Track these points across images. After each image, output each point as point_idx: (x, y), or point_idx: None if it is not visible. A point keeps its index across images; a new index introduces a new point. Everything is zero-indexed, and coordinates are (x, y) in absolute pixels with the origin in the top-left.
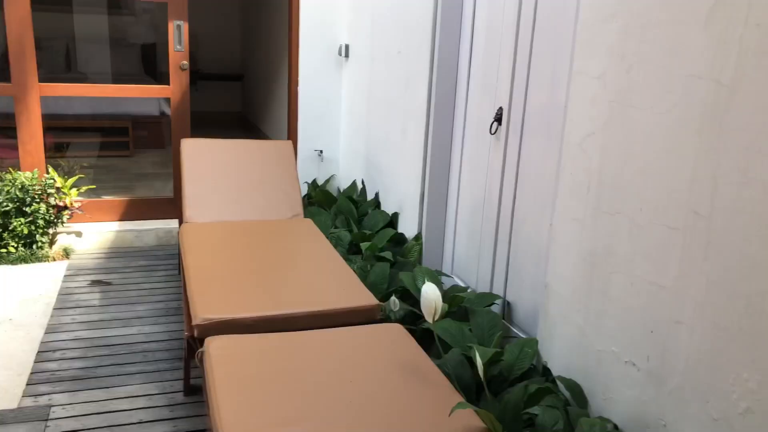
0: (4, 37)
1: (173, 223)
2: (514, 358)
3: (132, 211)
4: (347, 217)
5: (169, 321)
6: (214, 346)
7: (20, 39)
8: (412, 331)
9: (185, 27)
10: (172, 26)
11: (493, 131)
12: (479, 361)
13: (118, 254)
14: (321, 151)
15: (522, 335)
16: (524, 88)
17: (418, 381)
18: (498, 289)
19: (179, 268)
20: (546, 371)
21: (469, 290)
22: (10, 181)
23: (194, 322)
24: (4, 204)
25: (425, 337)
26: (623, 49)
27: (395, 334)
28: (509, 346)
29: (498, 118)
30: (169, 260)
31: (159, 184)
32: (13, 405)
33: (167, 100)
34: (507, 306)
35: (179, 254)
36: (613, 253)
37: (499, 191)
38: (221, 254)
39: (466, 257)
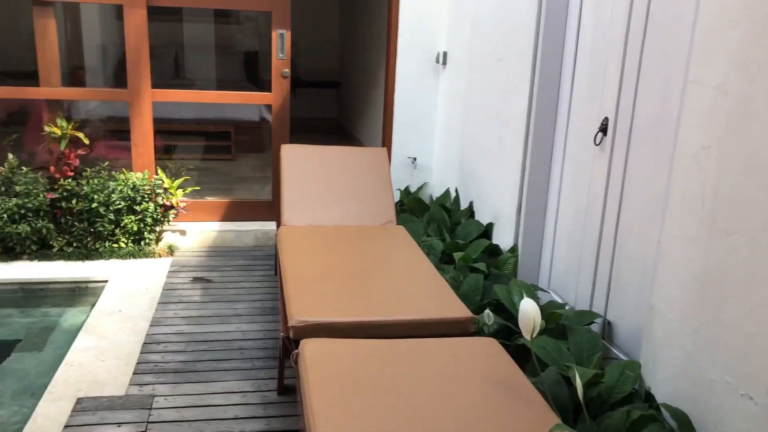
0: (122, 46)
1: (270, 225)
2: (615, 380)
3: (232, 212)
4: (440, 225)
5: (265, 320)
6: (309, 348)
7: (136, 47)
8: (505, 347)
9: (288, 36)
10: (275, 35)
11: (597, 142)
12: (579, 382)
13: (219, 253)
14: (414, 159)
15: (623, 357)
16: (632, 98)
17: (513, 398)
18: (598, 308)
19: (275, 268)
20: (649, 397)
21: (566, 307)
22: (123, 181)
23: (290, 323)
24: (117, 202)
25: (519, 353)
26: (746, 57)
27: (489, 348)
28: (609, 367)
29: (603, 129)
30: (266, 261)
31: (257, 187)
32: (121, 392)
33: (268, 106)
34: (607, 325)
35: (276, 255)
36: (729, 275)
37: (602, 204)
38: (317, 257)
39: (564, 272)
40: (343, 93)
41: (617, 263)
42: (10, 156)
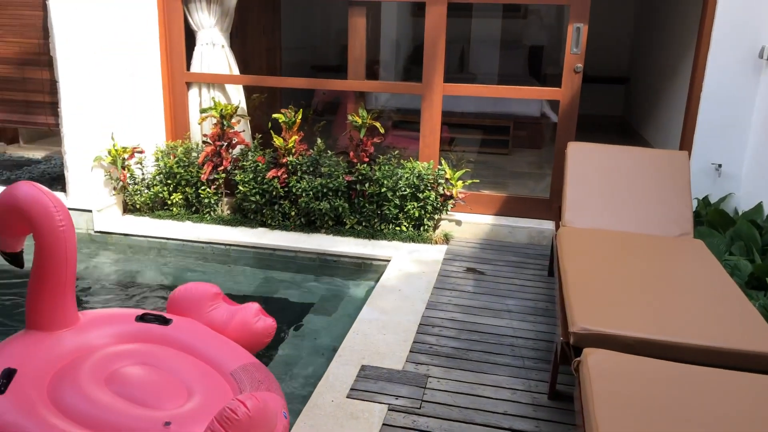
0: (413, 41)
1: (546, 224)
2: None
3: (507, 208)
4: (748, 244)
5: (537, 321)
6: (594, 359)
7: (434, 43)
8: None
9: (584, 29)
10: (571, 28)
11: None
12: None
13: (491, 246)
14: (719, 165)
15: None
16: None
17: None
18: None
19: (550, 269)
20: None
21: None
22: (410, 169)
23: (571, 329)
24: (403, 188)
25: None
26: None
27: None
28: None
29: None
30: (538, 260)
31: (532, 184)
32: (399, 367)
33: (550, 102)
34: None
35: (551, 256)
36: None
37: None
38: (601, 263)
39: None
40: (632, 89)
41: None
42: (319, 141)
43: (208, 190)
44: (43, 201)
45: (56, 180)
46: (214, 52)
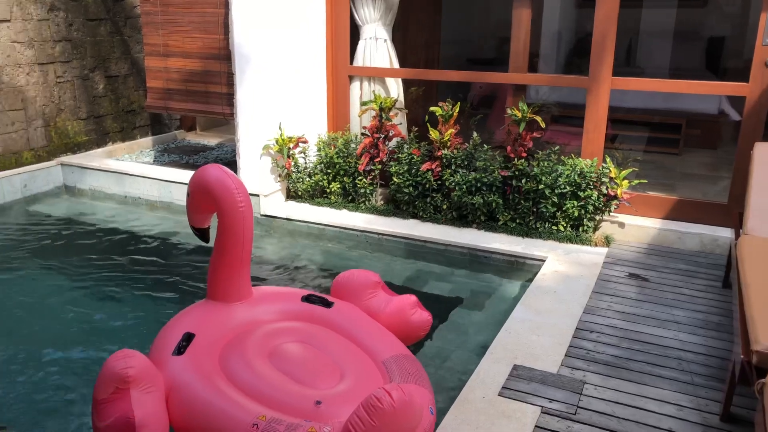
0: (576, 33)
1: (721, 231)
2: None
3: (676, 211)
4: None
5: (709, 335)
6: None
7: (603, 35)
8: None
9: None
10: (764, 17)
11: None
12: None
13: (657, 252)
14: None
15: None
16: None
17: None
18: None
19: (725, 280)
20: None
21: None
22: (571, 167)
23: (754, 347)
24: (563, 186)
25: None
26: None
27: None
28: None
29: None
30: (711, 270)
31: (705, 187)
32: (553, 370)
33: (729, 98)
34: None
35: (728, 266)
36: None
37: None
38: None
39: None
40: None
41: None
42: (475, 134)
43: (364, 180)
44: (227, 182)
45: (227, 165)
46: (376, 46)
